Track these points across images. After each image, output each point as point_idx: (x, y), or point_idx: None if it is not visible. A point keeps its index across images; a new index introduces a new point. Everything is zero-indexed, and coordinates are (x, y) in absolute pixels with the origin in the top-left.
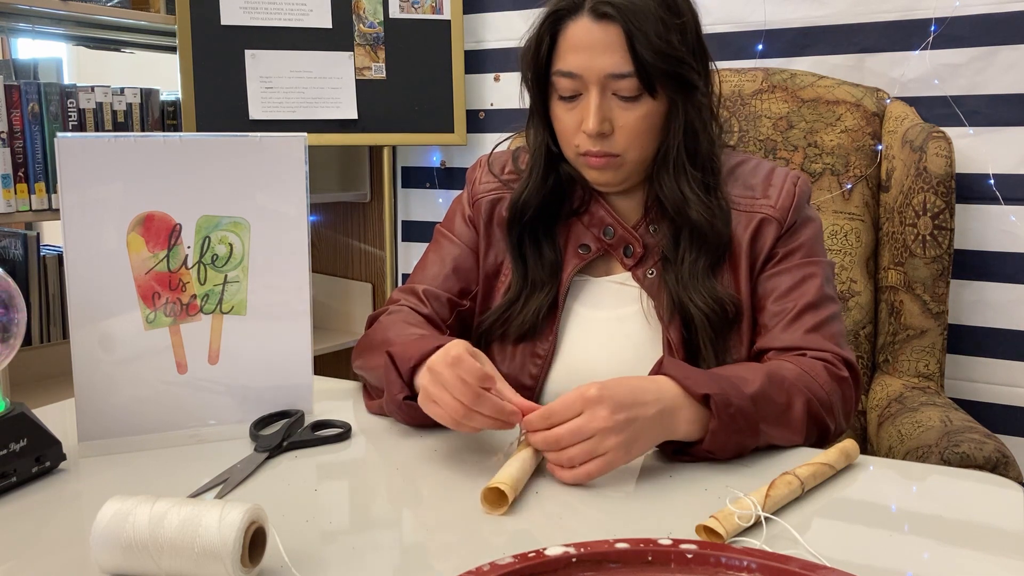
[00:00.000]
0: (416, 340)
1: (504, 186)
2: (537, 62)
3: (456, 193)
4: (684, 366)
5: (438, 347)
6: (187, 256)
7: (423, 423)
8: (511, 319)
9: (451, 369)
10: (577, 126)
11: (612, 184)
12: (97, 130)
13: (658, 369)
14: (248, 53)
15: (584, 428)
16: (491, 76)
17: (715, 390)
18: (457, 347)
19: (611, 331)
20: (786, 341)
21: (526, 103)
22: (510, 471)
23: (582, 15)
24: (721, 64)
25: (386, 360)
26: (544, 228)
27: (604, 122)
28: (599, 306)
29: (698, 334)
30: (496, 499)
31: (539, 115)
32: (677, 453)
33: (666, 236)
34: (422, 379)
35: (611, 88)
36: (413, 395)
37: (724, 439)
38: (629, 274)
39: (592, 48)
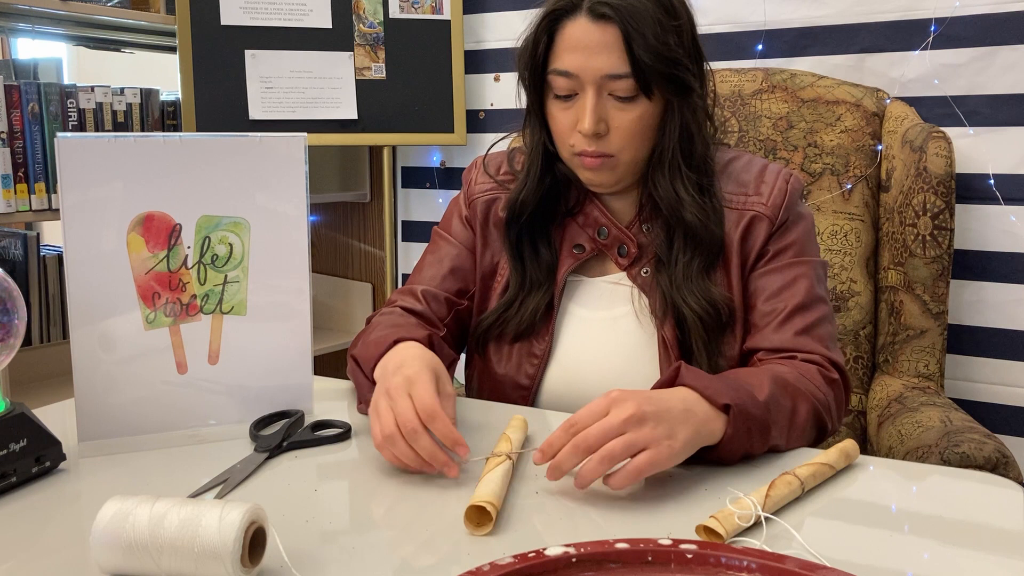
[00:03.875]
0: (377, 340)
1: (500, 186)
2: (534, 61)
3: (456, 193)
4: (700, 374)
5: (396, 341)
6: (187, 256)
7: None
8: (508, 320)
9: (405, 398)
10: (572, 125)
11: (606, 185)
12: (97, 130)
13: (674, 377)
14: (248, 53)
15: (612, 424)
16: (491, 76)
17: (734, 399)
18: (421, 372)
19: (607, 331)
20: (776, 342)
21: (523, 103)
22: (491, 487)
23: (580, 15)
24: (721, 64)
25: (352, 364)
26: (540, 228)
27: (599, 122)
28: (594, 306)
29: (691, 336)
30: (479, 517)
31: (536, 114)
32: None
33: (660, 236)
34: (378, 376)
35: (607, 88)
36: None
37: (736, 447)
38: (624, 274)
39: (589, 48)
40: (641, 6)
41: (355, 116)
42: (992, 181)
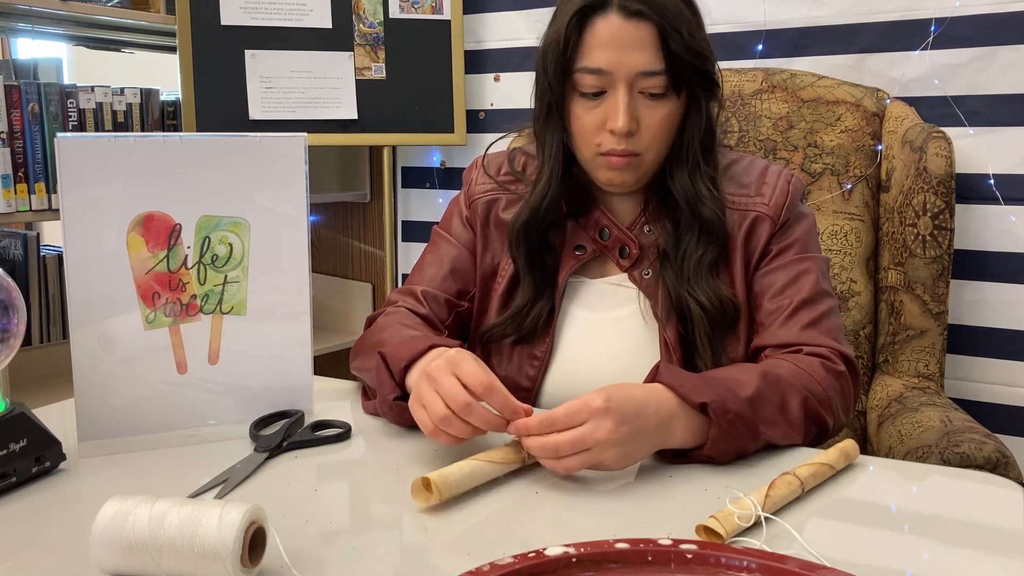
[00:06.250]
0: (409, 340)
1: (500, 187)
2: (563, 60)
3: (456, 193)
4: (680, 373)
5: (431, 347)
6: (187, 256)
7: (412, 424)
8: (516, 325)
9: (450, 377)
10: (599, 124)
11: (627, 185)
12: (97, 130)
13: (654, 376)
14: (248, 53)
15: (586, 439)
16: (491, 76)
17: (712, 397)
18: (460, 353)
19: (607, 333)
20: (783, 338)
21: (533, 104)
22: (453, 470)
23: (610, 12)
24: (721, 64)
25: (378, 361)
26: (544, 232)
27: (633, 120)
28: (595, 307)
29: (695, 331)
30: (426, 488)
31: (557, 115)
32: (677, 456)
33: (666, 232)
34: (413, 381)
35: (639, 86)
36: (404, 396)
37: (724, 445)
38: (625, 275)
39: (623, 45)
40: (671, 3)
41: (355, 116)
42: (992, 181)
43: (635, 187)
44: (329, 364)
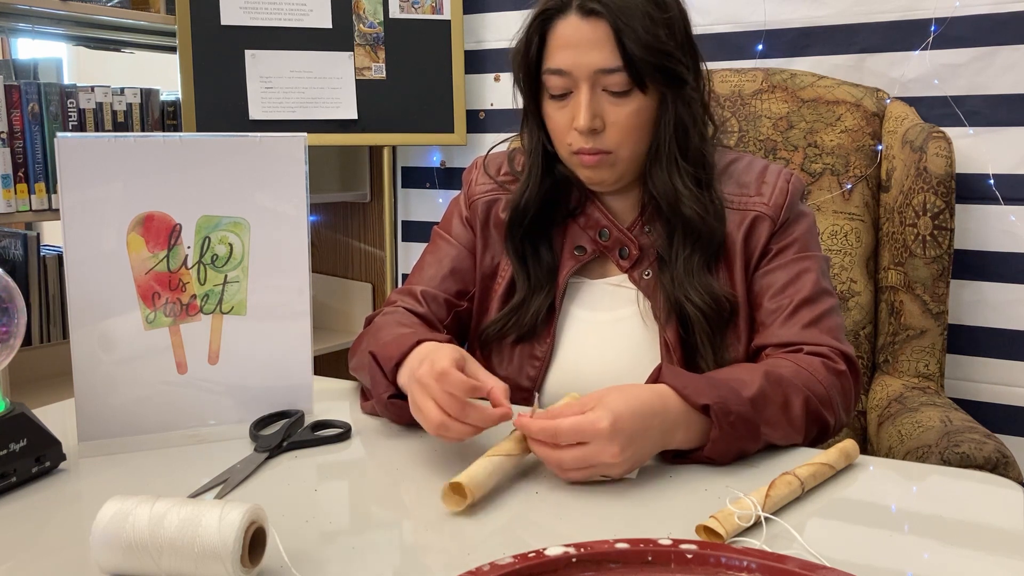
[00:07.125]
0: (397, 338)
1: (500, 187)
2: (527, 62)
3: (456, 193)
4: (683, 374)
5: (419, 342)
6: (187, 256)
7: (411, 421)
8: (514, 323)
9: (438, 383)
10: (569, 124)
11: (606, 183)
12: (97, 130)
13: (656, 377)
14: (248, 53)
15: (589, 459)
16: (491, 76)
17: (714, 399)
18: (442, 360)
19: (608, 333)
20: (783, 337)
21: (520, 105)
22: (478, 470)
23: (570, 13)
24: (721, 64)
25: (370, 360)
26: (541, 231)
27: (595, 118)
28: (596, 308)
29: (695, 332)
30: (457, 493)
31: (533, 116)
32: (677, 457)
33: (661, 236)
34: (404, 379)
35: (601, 84)
36: (398, 393)
37: (725, 447)
38: (626, 276)
39: (580, 45)
40: (630, 1)
41: (355, 116)
42: (992, 181)
43: (616, 185)
44: (329, 364)
